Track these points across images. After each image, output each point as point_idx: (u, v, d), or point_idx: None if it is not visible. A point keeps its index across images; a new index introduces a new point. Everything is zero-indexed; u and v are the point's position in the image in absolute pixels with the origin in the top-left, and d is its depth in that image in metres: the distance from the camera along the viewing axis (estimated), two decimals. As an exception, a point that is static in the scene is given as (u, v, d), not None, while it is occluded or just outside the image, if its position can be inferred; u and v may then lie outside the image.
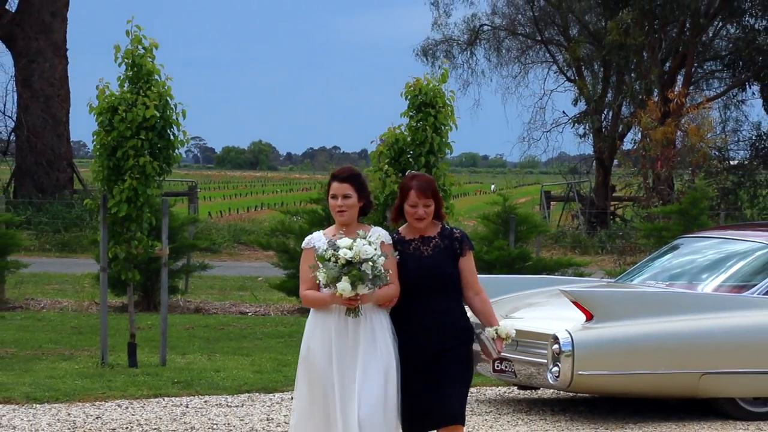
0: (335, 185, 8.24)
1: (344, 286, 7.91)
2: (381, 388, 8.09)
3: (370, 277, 7.95)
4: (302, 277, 8.37)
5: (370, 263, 7.94)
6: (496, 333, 8.22)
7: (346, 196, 8.22)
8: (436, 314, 8.24)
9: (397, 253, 8.25)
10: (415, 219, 8.24)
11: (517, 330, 8.40)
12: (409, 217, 8.27)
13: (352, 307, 8.08)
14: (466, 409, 8.55)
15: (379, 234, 8.21)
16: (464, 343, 8.30)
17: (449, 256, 8.29)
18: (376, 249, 7.99)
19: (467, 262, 8.35)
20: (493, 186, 67.46)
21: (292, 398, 9.19)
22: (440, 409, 8.21)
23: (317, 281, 8.12)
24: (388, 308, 8.31)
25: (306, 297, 8.33)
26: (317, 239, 8.28)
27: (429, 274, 8.23)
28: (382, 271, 8.00)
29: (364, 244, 7.97)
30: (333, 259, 7.96)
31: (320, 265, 8.04)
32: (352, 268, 7.94)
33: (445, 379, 8.22)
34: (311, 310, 8.36)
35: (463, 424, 8.31)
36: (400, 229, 8.42)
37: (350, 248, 7.95)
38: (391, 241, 8.26)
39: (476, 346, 8.31)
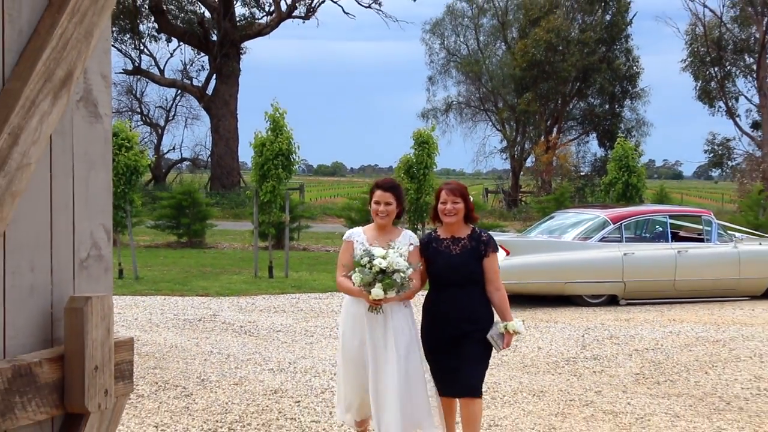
0: (379, 193, 5.51)
1: (377, 292, 5.25)
2: (403, 364, 5.37)
3: (399, 284, 5.26)
4: (339, 263, 5.54)
5: (401, 274, 5.26)
6: (505, 328, 5.56)
7: (387, 203, 5.47)
8: (459, 304, 5.50)
9: (420, 263, 5.51)
10: (444, 214, 5.51)
11: None
12: (440, 213, 5.54)
13: (374, 306, 5.37)
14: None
15: (410, 239, 5.55)
16: (482, 329, 5.53)
17: (474, 256, 5.50)
18: (406, 261, 5.34)
19: (490, 262, 5.54)
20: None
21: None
22: (461, 384, 5.54)
23: (352, 282, 5.36)
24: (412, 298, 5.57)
25: (340, 284, 5.48)
26: (357, 234, 5.56)
27: (455, 270, 5.48)
28: (409, 280, 5.34)
29: (397, 256, 5.30)
30: (368, 266, 5.28)
31: (356, 268, 5.34)
32: (385, 276, 5.26)
33: (466, 358, 5.53)
34: (345, 297, 5.54)
35: (480, 396, 5.60)
36: (437, 229, 5.63)
37: (384, 258, 5.28)
38: (418, 244, 5.57)
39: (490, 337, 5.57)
